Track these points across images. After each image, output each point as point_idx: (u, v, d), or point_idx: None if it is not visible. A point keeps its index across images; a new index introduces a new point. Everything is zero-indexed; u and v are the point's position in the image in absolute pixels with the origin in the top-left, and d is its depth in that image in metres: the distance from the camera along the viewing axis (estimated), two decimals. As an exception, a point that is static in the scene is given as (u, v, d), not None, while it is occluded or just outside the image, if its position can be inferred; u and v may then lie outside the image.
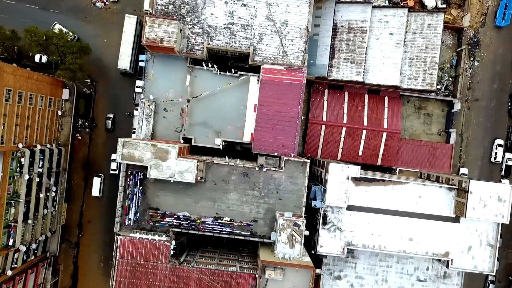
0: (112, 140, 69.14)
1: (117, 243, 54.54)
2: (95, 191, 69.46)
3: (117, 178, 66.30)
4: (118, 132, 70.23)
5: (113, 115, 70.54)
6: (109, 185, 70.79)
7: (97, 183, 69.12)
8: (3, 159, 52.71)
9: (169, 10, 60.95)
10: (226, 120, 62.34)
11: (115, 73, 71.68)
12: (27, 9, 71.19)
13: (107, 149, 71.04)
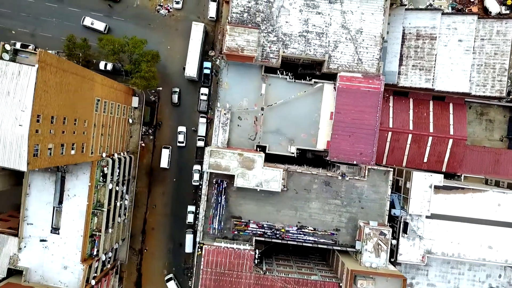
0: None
1: (202, 252, 54.58)
2: (164, 162, 69.94)
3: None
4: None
5: (179, 89, 70.80)
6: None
7: (165, 154, 69.73)
8: (91, 169, 52.75)
9: (244, 18, 60.98)
10: (299, 128, 62.30)
11: (179, 79, 71.79)
12: (92, 16, 71.31)
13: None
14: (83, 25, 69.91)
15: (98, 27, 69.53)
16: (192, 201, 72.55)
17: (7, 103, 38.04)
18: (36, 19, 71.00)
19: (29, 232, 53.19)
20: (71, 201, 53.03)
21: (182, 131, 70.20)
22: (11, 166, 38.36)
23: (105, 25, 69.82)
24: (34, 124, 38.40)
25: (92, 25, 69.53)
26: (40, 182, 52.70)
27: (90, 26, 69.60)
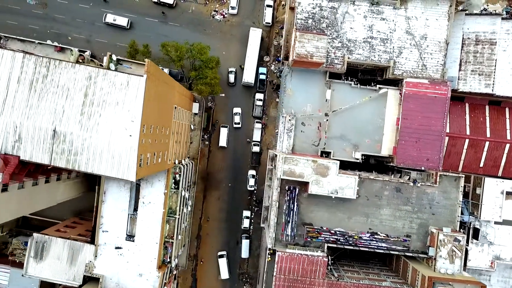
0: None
1: (275, 259, 54.57)
2: (223, 141, 70.48)
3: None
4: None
5: (235, 69, 71.28)
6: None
7: (224, 133, 70.29)
8: (166, 176, 52.81)
9: (309, 24, 60.98)
10: (363, 134, 62.23)
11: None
12: (148, 22, 71.52)
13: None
14: (106, 22, 69.95)
15: (121, 23, 69.67)
16: (248, 206, 72.75)
17: (116, 114, 38.12)
18: (92, 24, 71.25)
19: (104, 239, 53.22)
20: (146, 208, 53.06)
21: (237, 112, 71.15)
22: (119, 176, 38.43)
23: (128, 20, 69.88)
24: (141, 134, 38.49)
25: (115, 21, 69.55)
26: (116, 190, 52.72)
27: (113, 23, 69.53)
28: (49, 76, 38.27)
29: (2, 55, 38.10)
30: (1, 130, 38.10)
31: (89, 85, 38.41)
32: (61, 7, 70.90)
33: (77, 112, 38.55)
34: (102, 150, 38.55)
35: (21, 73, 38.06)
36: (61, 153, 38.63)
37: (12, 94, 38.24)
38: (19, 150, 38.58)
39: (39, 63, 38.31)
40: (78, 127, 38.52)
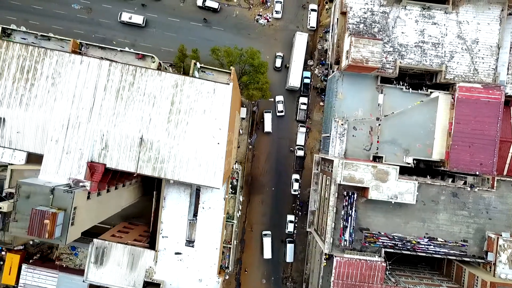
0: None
1: (334, 264, 54.53)
2: (267, 126, 70.43)
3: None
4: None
5: (283, 54, 71.21)
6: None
7: (268, 118, 70.36)
8: (226, 181, 52.81)
9: (360, 29, 61.01)
10: (414, 138, 62.19)
11: (277, 89, 71.87)
12: (192, 27, 71.57)
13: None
14: (121, 21, 69.95)
15: (136, 20, 69.70)
16: (291, 211, 72.70)
17: (203, 121, 38.11)
18: (137, 29, 71.17)
19: (164, 245, 53.20)
20: (206, 214, 53.05)
21: (280, 100, 70.81)
22: (205, 184, 38.40)
23: (143, 18, 69.78)
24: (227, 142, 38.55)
25: (130, 19, 69.51)
26: (176, 195, 52.69)
27: (129, 21, 69.55)
28: (136, 84, 38.27)
29: (89, 63, 38.14)
30: (88, 138, 38.10)
31: (175, 93, 38.42)
32: (106, 12, 71.02)
33: (164, 119, 38.57)
34: (189, 157, 38.51)
35: (108, 81, 38.09)
36: (148, 161, 38.65)
37: (99, 102, 38.26)
38: (105, 158, 38.58)
39: (125, 71, 38.30)
40: (165, 135, 38.53)
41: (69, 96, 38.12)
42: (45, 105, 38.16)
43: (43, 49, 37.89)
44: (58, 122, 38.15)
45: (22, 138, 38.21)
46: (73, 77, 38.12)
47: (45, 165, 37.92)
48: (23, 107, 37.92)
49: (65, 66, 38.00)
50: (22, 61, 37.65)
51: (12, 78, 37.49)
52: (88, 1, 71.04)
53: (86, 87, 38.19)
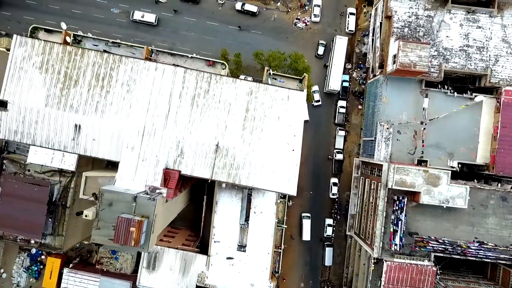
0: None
1: (384, 269, 54.53)
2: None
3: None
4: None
5: (325, 42, 71.44)
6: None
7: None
8: (279, 187, 52.73)
9: (405, 33, 61.03)
10: (458, 142, 62.18)
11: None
12: (231, 30, 71.62)
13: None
14: (133, 20, 69.82)
15: (148, 19, 69.52)
16: (330, 214, 72.61)
17: (278, 128, 38.09)
18: (174, 33, 71.31)
19: (216, 249, 53.18)
20: (258, 218, 53.00)
21: (316, 90, 70.35)
22: (278, 190, 38.40)
23: (155, 16, 69.71)
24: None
25: (143, 18, 69.45)
26: (227, 200, 52.65)
27: (141, 20, 69.50)
28: (211, 91, 38.26)
29: (164, 70, 38.12)
30: (164, 145, 38.11)
31: (250, 100, 38.42)
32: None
33: (239, 126, 38.55)
34: (263, 164, 38.50)
35: (183, 88, 38.07)
36: (223, 167, 38.64)
37: (174, 109, 38.24)
38: (180, 164, 38.57)
39: (200, 78, 38.29)
40: (241, 142, 38.52)
41: (144, 103, 38.12)
42: (120, 112, 38.16)
43: (118, 56, 37.91)
44: (134, 129, 38.16)
45: (97, 145, 38.23)
46: (148, 84, 38.11)
47: (121, 172, 37.89)
48: (98, 114, 37.93)
49: (140, 73, 38.01)
50: (97, 68, 37.66)
51: (88, 85, 37.51)
52: (127, 5, 71.05)
53: (161, 94, 38.18)
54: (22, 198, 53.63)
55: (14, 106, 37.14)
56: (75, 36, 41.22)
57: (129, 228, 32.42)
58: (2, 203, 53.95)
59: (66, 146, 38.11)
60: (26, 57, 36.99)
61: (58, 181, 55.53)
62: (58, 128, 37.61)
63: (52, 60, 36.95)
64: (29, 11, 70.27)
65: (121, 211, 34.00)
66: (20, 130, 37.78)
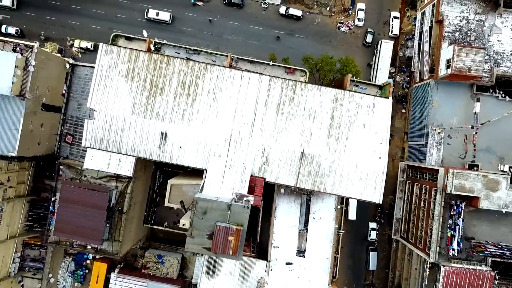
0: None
1: (441, 273, 54.48)
2: None
3: None
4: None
5: (373, 30, 71.60)
6: None
7: None
8: (338, 192, 52.70)
9: (456, 37, 61.01)
10: (509, 146, 62.11)
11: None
12: (275, 34, 71.60)
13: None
14: (148, 18, 69.64)
15: (163, 17, 69.37)
16: (373, 218, 72.54)
17: (364, 136, 38.09)
18: (219, 37, 71.35)
19: (276, 255, 53.11)
20: (317, 224, 52.95)
21: None
22: (363, 198, 38.38)
23: (170, 14, 69.56)
24: (385, 156, 38.58)
25: (157, 16, 69.34)
26: (286, 205, 52.57)
27: (156, 18, 69.36)
28: (296, 98, 38.27)
29: (249, 78, 38.10)
30: (250, 153, 38.09)
31: (335, 107, 38.43)
32: (189, 20, 71.13)
33: (324, 134, 38.55)
34: (349, 172, 38.50)
35: (268, 96, 38.07)
36: (308, 175, 38.62)
37: (260, 117, 38.22)
38: (265, 172, 38.57)
39: (285, 86, 38.30)
40: (326, 150, 38.52)
41: (230, 111, 38.10)
42: (207, 120, 38.14)
43: (203, 64, 37.90)
44: (221, 137, 38.13)
45: (183, 153, 38.18)
46: (234, 92, 38.09)
47: (208, 180, 37.86)
48: (185, 122, 37.90)
49: (225, 81, 37.98)
50: (183, 76, 37.61)
51: (174, 93, 37.50)
52: (172, 10, 71.10)
53: (247, 102, 38.17)
54: (81, 204, 53.63)
55: (100, 114, 37.13)
56: (155, 43, 41.16)
57: (227, 236, 32.39)
58: (61, 209, 54.01)
59: (151, 154, 38.05)
60: (112, 65, 36.99)
61: (114, 186, 55.66)
62: (144, 136, 37.58)
63: (138, 68, 36.94)
64: (74, 16, 70.40)
65: (215, 219, 33.96)
66: (106, 138, 37.74)
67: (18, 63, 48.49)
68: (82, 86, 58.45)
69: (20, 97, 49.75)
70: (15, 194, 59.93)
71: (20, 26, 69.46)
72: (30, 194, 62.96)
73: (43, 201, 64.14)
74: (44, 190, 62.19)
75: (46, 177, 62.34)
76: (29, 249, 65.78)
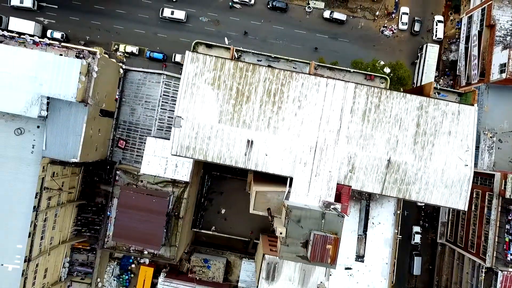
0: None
1: (499, 279, 54.44)
2: None
3: None
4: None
5: (421, 18, 72.09)
6: None
7: None
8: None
9: (507, 41, 61.03)
10: (559, 150, 62.22)
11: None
12: (318, 38, 71.77)
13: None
14: (163, 17, 69.83)
15: (178, 16, 69.52)
16: (417, 222, 72.56)
17: (449, 143, 38.16)
18: (263, 41, 71.45)
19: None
20: (376, 229, 52.97)
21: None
22: (448, 205, 38.43)
23: (185, 13, 69.71)
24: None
25: (172, 14, 69.46)
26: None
27: (171, 17, 69.49)
28: (381, 106, 38.32)
29: (334, 86, 38.15)
30: (336, 161, 38.14)
31: (420, 115, 38.51)
32: (233, 24, 71.26)
33: (410, 142, 38.61)
34: (435, 179, 38.59)
35: (354, 103, 38.12)
36: (393, 183, 38.71)
37: (345, 125, 38.27)
38: (351, 180, 38.64)
39: (371, 93, 38.35)
40: (412, 157, 38.60)
41: (316, 119, 38.14)
42: (292, 127, 38.19)
43: (288, 72, 37.96)
44: (307, 145, 38.16)
45: (269, 161, 38.21)
46: (320, 99, 38.13)
47: (295, 188, 37.95)
48: (271, 130, 37.94)
49: (310, 88, 38.03)
50: (268, 84, 37.66)
51: (260, 101, 37.55)
52: (216, 14, 71.20)
53: (333, 110, 38.22)
54: (140, 209, 53.72)
55: (187, 123, 37.18)
56: (237, 51, 41.27)
57: (326, 245, 32.47)
58: (119, 214, 54.08)
59: (237, 161, 38.07)
60: (198, 73, 36.98)
61: (171, 191, 55.75)
62: (231, 144, 37.63)
63: (224, 76, 36.97)
64: (119, 20, 70.51)
65: (309, 227, 34.05)
66: (192, 146, 37.77)
67: (82, 69, 48.54)
68: (135, 91, 58.56)
69: (83, 103, 49.77)
70: (67, 199, 60.01)
71: (65, 30, 69.58)
72: (79, 199, 63.04)
73: (91, 206, 64.28)
74: (99, 195, 62.22)
75: (98, 182, 62.42)
76: (77, 253, 65.83)
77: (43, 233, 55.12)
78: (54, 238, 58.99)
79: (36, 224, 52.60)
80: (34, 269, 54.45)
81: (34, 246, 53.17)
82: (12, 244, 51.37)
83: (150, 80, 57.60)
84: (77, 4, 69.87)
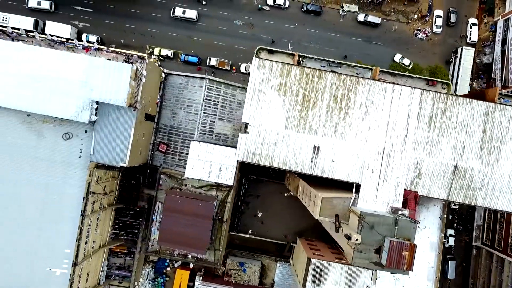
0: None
1: (544, 283, 54.52)
2: None
3: None
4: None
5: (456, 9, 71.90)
6: None
7: None
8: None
9: (546, 45, 61.11)
10: None
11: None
12: (352, 41, 71.90)
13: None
14: (174, 16, 69.97)
15: (190, 15, 69.75)
16: (451, 224, 72.58)
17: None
18: (298, 44, 71.48)
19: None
20: (422, 233, 52.90)
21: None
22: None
23: (196, 12, 69.87)
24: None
25: (184, 14, 69.65)
26: (391, 214, 52.62)
27: (182, 16, 69.69)
28: (447, 111, 38.39)
29: (401, 91, 38.24)
30: (403, 166, 38.24)
31: (487, 120, 38.58)
32: (268, 27, 71.38)
33: (477, 147, 38.68)
34: (501, 185, 38.69)
35: (420, 109, 38.23)
36: (460, 189, 38.76)
37: (412, 131, 38.36)
38: (417, 185, 38.71)
39: (437, 98, 38.43)
40: (479, 163, 38.68)
41: (383, 124, 38.22)
42: (360, 133, 38.23)
43: (354, 78, 37.99)
44: (374, 151, 38.23)
45: (335, 167, 38.26)
46: (386, 105, 38.21)
47: (363, 194, 37.99)
48: (338, 135, 37.98)
49: (377, 94, 38.10)
50: (335, 90, 37.69)
51: (326, 107, 37.60)
52: (250, 17, 71.30)
53: (399, 116, 38.29)
54: (185, 213, 53.76)
55: (254, 129, 37.22)
56: (300, 56, 41.33)
57: (402, 252, 32.55)
58: (164, 218, 54.15)
59: (303, 167, 38.11)
60: (264, 80, 37.03)
61: (215, 195, 55.82)
62: (297, 149, 37.67)
63: (290, 82, 37.02)
64: (153, 24, 70.62)
65: (383, 234, 34.10)
66: (259, 151, 37.83)
67: (131, 74, 48.62)
68: (176, 95, 58.64)
69: (132, 108, 49.84)
70: (107, 203, 60.06)
71: (99, 34, 69.68)
72: (117, 203, 63.07)
73: (130, 209, 64.34)
74: (142, 199, 62.30)
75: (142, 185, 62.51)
76: (115, 257, 65.87)
77: (87, 237, 55.17)
78: (96, 242, 59.06)
79: (82, 228, 52.65)
80: (79, 273, 54.48)
81: (80, 250, 53.23)
82: (60, 249, 51.39)
83: (192, 84, 57.64)
84: (112, 7, 69.93)
